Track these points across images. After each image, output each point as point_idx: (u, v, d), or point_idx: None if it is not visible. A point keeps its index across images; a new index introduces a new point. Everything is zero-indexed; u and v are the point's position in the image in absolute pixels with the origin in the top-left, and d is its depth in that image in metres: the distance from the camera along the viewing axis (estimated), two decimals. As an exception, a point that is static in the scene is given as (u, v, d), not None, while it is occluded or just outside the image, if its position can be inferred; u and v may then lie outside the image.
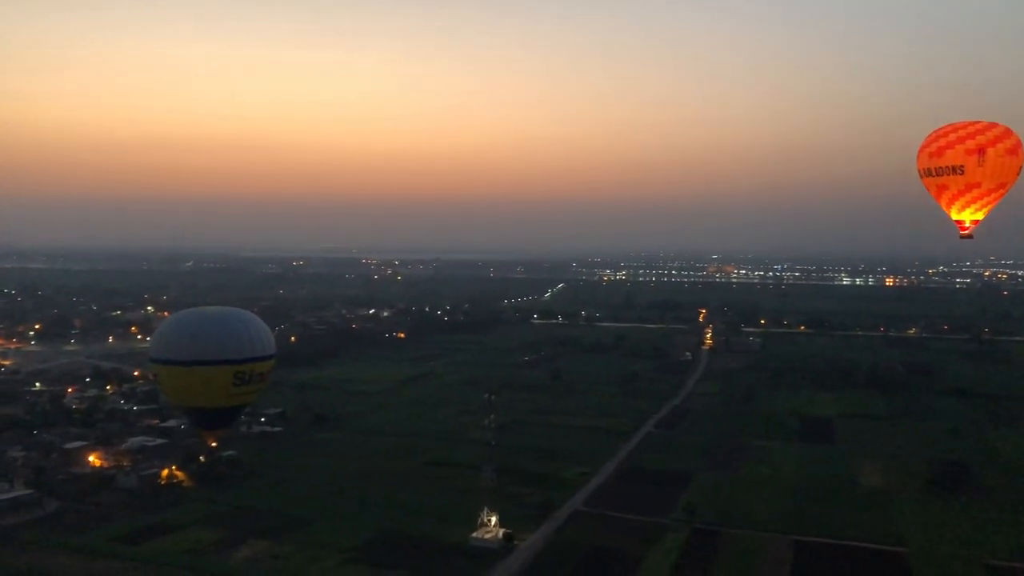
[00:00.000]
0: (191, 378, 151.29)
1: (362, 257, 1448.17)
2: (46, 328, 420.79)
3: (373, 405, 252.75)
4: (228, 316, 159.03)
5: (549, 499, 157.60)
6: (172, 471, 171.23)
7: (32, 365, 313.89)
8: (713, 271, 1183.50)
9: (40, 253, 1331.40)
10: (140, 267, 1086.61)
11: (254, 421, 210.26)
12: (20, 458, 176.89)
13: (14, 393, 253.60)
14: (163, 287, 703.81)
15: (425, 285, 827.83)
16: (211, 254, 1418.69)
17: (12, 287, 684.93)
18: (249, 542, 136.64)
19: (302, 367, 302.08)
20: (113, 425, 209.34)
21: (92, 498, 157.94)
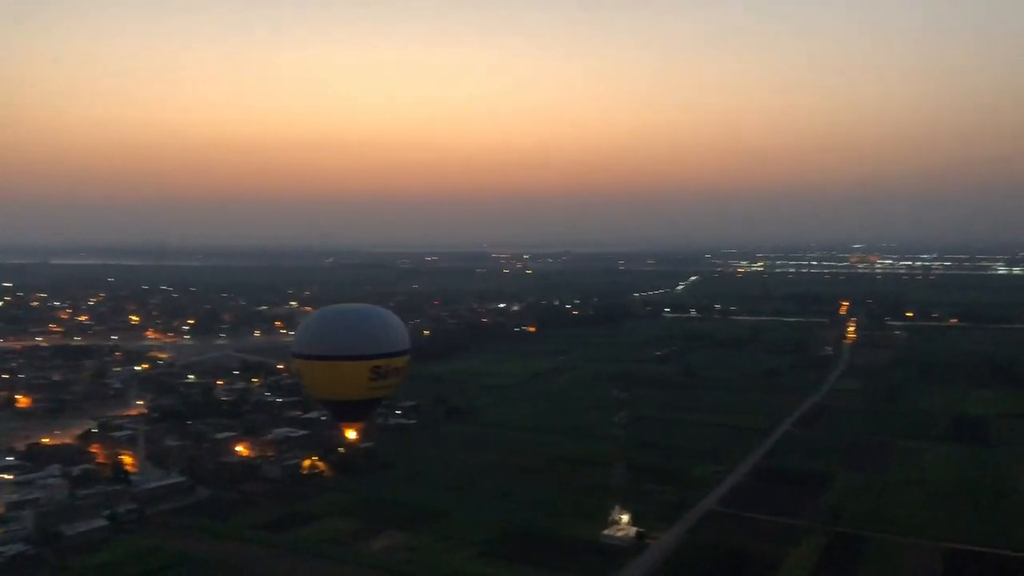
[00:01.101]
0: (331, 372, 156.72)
1: (492, 252, 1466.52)
2: (199, 323, 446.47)
3: (504, 399, 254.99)
4: (365, 313, 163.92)
5: (682, 498, 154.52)
6: (313, 461, 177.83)
7: (186, 358, 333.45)
8: (855, 261, 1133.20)
9: (194, 251, 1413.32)
10: (284, 264, 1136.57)
11: (390, 414, 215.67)
12: (175, 447, 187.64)
13: (170, 385, 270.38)
14: (306, 283, 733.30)
15: (555, 279, 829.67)
16: (350, 250, 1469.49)
17: (169, 284, 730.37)
18: (386, 532, 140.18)
19: (435, 361, 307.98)
20: (259, 416, 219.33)
21: (239, 486, 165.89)
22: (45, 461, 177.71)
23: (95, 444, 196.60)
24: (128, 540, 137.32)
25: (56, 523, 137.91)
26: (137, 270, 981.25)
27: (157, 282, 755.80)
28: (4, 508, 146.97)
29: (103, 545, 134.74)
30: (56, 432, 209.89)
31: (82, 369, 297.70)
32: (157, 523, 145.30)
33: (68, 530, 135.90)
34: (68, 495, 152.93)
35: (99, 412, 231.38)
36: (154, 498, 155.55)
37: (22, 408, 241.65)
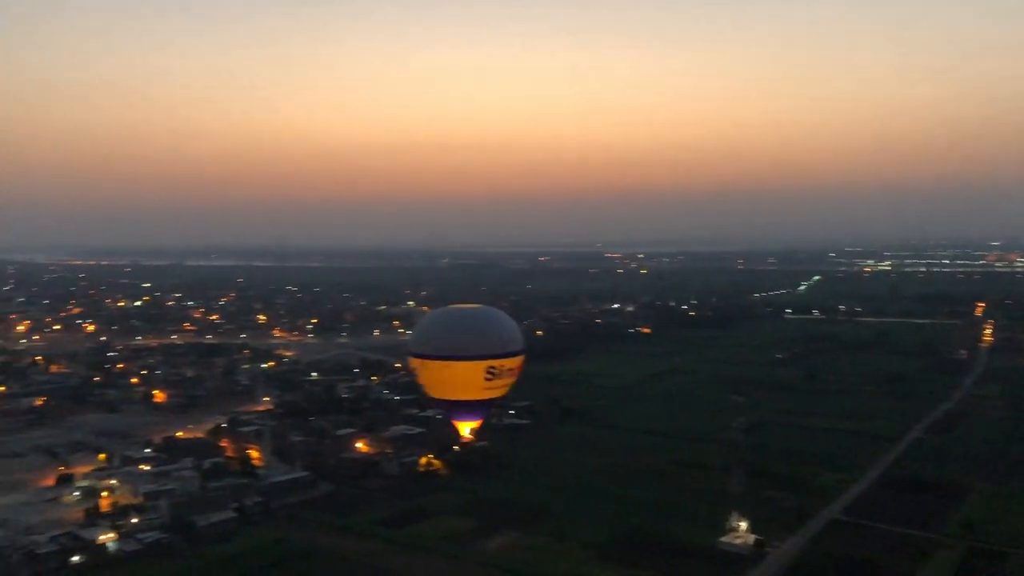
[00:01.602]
0: (445, 372, 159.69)
1: (606, 251, 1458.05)
2: (322, 322, 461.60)
3: (618, 400, 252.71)
4: (480, 314, 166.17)
5: (803, 506, 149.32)
6: (429, 459, 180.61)
7: (310, 356, 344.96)
8: (993, 260, 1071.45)
9: (318, 253, 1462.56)
10: (402, 264, 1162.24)
11: (504, 414, 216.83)
12: (299, 442, 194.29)
13: (295, 382, 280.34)
14: (422, 283, 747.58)
15: (670, 279, 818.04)
16: (465, 251, 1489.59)
17: (294, 285, 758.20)
18: (501, 532, 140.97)
19: (549, 361, 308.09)
20: (378, 413, 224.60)
21: (359, 482, 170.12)
22: (179, 454, 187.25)
23: (225, 438, 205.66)
24: (255, 531, 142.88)
25: (189, 513, 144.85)
26: (264, 271, 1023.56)
27: (283, 283, 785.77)
28: (142, 498, 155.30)
29: (232, 536, 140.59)
30: (189, 426, 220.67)
31: (213, 366, 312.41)
32: (282, 516, 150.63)
33: (200, 520, 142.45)
34: (200, 487, 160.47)
35: (228, 408, 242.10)
36: (279, 491, 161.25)
37: (159, 403, 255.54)
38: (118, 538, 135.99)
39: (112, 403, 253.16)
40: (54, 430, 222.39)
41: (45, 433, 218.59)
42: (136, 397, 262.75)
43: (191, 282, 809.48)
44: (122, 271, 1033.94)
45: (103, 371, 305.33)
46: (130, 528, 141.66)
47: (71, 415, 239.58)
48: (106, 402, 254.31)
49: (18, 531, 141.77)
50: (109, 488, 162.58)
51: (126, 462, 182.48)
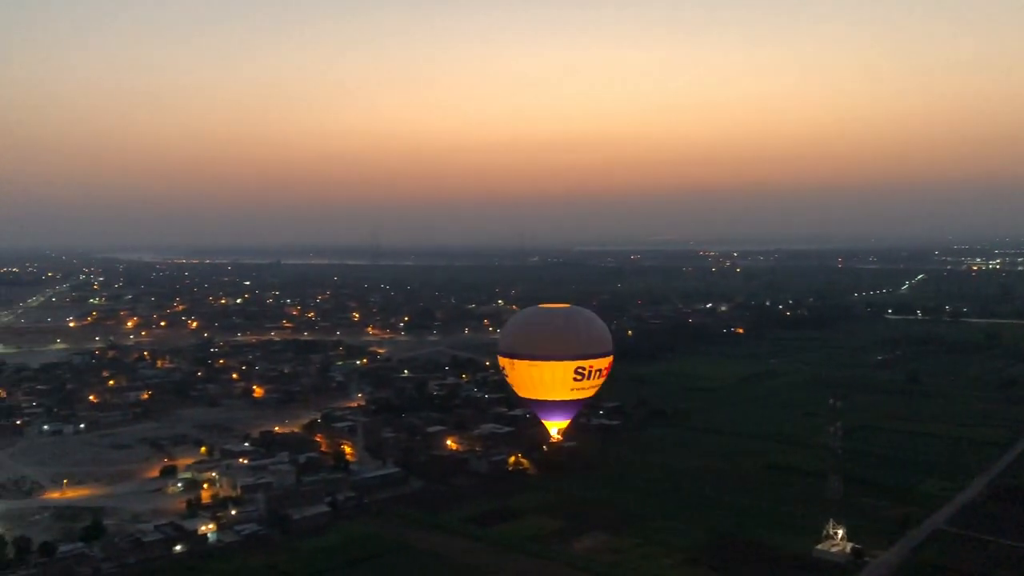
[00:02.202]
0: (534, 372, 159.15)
1: (699, 249, 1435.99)
2: (413, 320, 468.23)
3: (710, 402, 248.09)
4: (569, 314, 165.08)
5: (905, 514, 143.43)
6: (518, 458, 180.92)
7: (401, 353, 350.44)
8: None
9: (411, 252, 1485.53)
10: (492, 263, 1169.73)
11: (593, 414, 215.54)
12: (390, 439, 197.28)
13: (387, 379, 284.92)
14: (512, 282, 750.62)
15: (765, 278, 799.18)
16: (554, 249, 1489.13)
17: (388, 283, 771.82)
18: (590, 533, 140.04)
19: (639, 361, 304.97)
20: (467, 411, 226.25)
21: (449, 479, 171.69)
22: (276, 448, 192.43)
23: (319, 433, 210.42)
24: (348, 526, 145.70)
25: (284, 506, 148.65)
26: (359, 270, 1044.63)
27: (377, 281, 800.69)
28: (241, 490, 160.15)
29: (325, 529, 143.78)
30: (286, 421, 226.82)
31: (309, 363, 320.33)
32: (374, 511, 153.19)
33: (295, 514, 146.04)
34: (295, 481, 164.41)
35: (323, 403, 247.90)
36: (371, 487, 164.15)
37: (257, 398, 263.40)
38: (217, 529, 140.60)
39: (213, 397, 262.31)
40: (159, 423, 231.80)
41: (151, 426, 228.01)
42: (236, 392, 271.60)
43: (289, 281, 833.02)
44: (224, 270, 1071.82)
45: (205, 366, 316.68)
46: (229, 520, 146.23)
47: (175, 409, 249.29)
48: (208, 396, 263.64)
49: (126, 519, 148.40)
50: (210, 480, 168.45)
51: (226, 455, 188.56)
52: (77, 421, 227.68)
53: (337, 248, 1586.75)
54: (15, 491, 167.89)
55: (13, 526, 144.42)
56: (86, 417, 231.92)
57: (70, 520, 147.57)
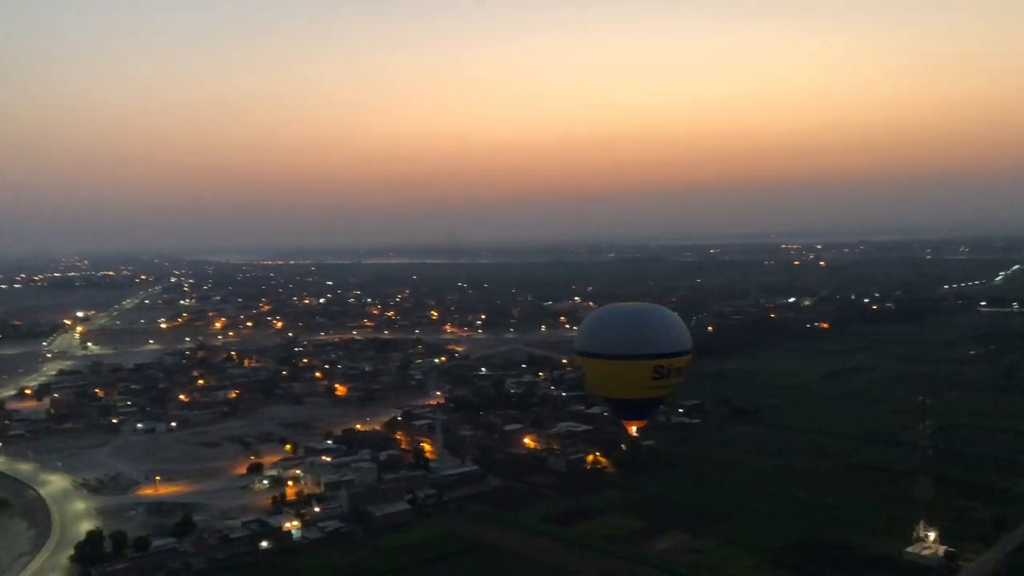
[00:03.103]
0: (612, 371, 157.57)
1: (781, 242, 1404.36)
2: (490, 318, 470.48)
3: (793, 400, 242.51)
4: (647, 312, 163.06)
5: (1001, 516, 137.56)
6: (596, 457, 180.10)
7: (479, 351, 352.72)
8: None
9: (487, 249, 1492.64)
10: (568, 259, 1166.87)
11: (673, 412, 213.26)
12: (468, 437, 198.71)
13: (465, 377, 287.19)
14: (588, 278, 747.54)
15: (850, 270, 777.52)
16: (631, 245, 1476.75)
17: (464, 281, 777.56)
18: (669, 533, 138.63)
19: (719, 358, 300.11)
20: (544, 410, 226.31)
21: (527, 478, 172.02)
22: (357, 445, 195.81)
23: (399, 431, 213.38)
24: (427, 524, 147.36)
25: (366, 504, 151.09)
26: (437, 268, 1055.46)
27: (454, 279, 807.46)
28: (324, 487, 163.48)
29: (406, 527, 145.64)
30: (367, 419, 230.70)
31: (389, 361, 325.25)
32: (453, 509, 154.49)
33: (376, 511, 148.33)
34: (376, 478, 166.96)
35: (403, 401, 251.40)
36: (450, 485, 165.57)
37: (339, 396, 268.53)
38: (302, 526, 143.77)
39: (297, 396, 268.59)
40: (246, 421, 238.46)
41: (238, 424, 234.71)
42: (319, 390, 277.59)
43: (369, 280, 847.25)
44: (307, 270, 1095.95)
45: (290, 365, 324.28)
46: (313, 516, 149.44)
47: (261, 407, 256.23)
48: (292, 395, 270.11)
49: (215, 516, 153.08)
50: (294, 478, 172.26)
51: (309, 452, 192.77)
52: (169, 419, 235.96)
53: (416, 247, 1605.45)
54: (112, 487, 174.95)
55: (110, 521, 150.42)
56: (177, 415, 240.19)
57: (162, 516, 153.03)
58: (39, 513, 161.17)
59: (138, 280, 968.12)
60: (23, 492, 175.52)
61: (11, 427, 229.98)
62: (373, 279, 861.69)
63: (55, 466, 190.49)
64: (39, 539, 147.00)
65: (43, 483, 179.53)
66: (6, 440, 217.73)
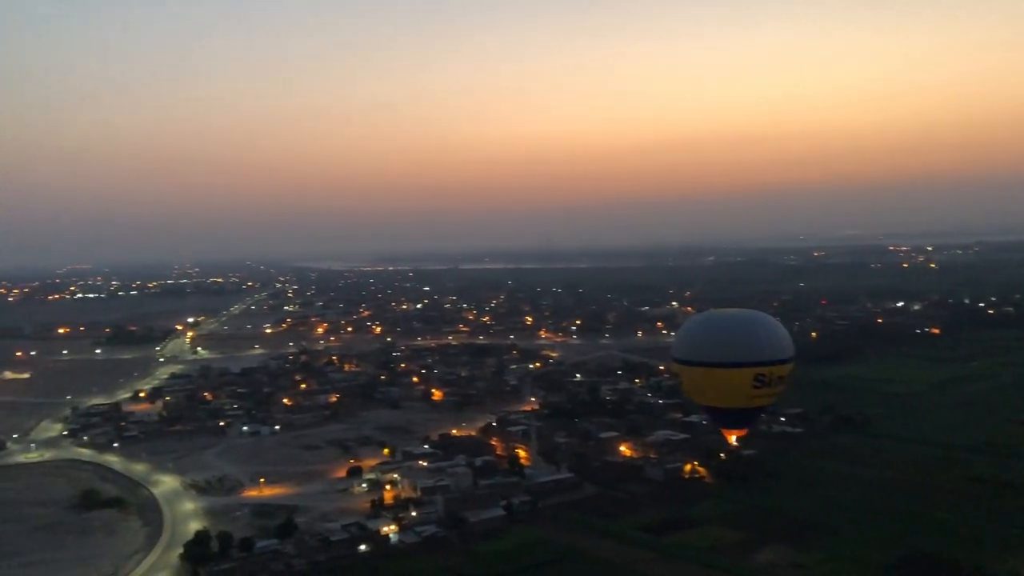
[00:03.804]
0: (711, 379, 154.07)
1: (890, 244, 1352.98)
2: (585, 323, 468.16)
3: (903, 408, 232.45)
4: (747, 319, 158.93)
5: None
6: (694, 466, 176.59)
7: (574, 357, 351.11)
8: None
9: (583, 254, 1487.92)
10: (666, 263, 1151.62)
11: (774, 421, 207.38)
12: (563, 443, 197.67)
13: (560, 383, 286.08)
14: (686, 283, 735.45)
15: (964, 273, 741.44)
16: (731, 248, 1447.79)
17: (560, 286, 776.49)
18: (770, 546, 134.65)
19: (823, 365, 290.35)
20: (640, 417, 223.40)
21: (622, 486, 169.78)
22: (453, 451, 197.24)
23: (494, 437, 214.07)
24: (522, 530, 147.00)
25: (461, 509, 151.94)
26: (532, 273, 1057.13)
27: (549, 284, 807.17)
28: (421, 492, 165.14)
29: (501, 533, 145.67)
30: (463, 424, 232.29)
31: (484, 366, 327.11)
32: (547, 516, 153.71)
33: (471, 517, 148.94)
34: (472, 484, 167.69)
35: (498, 407, 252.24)
36: (545, 491, 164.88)
37: (436, 401, 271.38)
38: (399, 530, 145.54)
39: (395, 400, 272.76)
40: (345, 424, 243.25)
41: (338, 427, 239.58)
42: (416, 395, 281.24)
43: (466, 285, 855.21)
44: (406, 276, 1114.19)
45: (388, 370, 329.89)
46: (409, 521, 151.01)
47: (360, 411, 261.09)
48: (390, 399, 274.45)
49: (316, 518, 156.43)
50: (392, 482, 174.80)
51: (407, 457, 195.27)
52: (273, 422, 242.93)
53: (512, 252, 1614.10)
54: (219, 488, 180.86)
55: (217, 521, 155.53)
56: (281, 419, 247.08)
57: (266, 517, 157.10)
58: (152, 512, 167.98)
59: (245, 287, 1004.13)
60: (138, 491, 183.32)
61: (127, 429, 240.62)
62: (469, 284, 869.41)
63: (166, 467, 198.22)
64: (152, 537, 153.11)
65: (155, 483, 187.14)
66: (122, 441, 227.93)
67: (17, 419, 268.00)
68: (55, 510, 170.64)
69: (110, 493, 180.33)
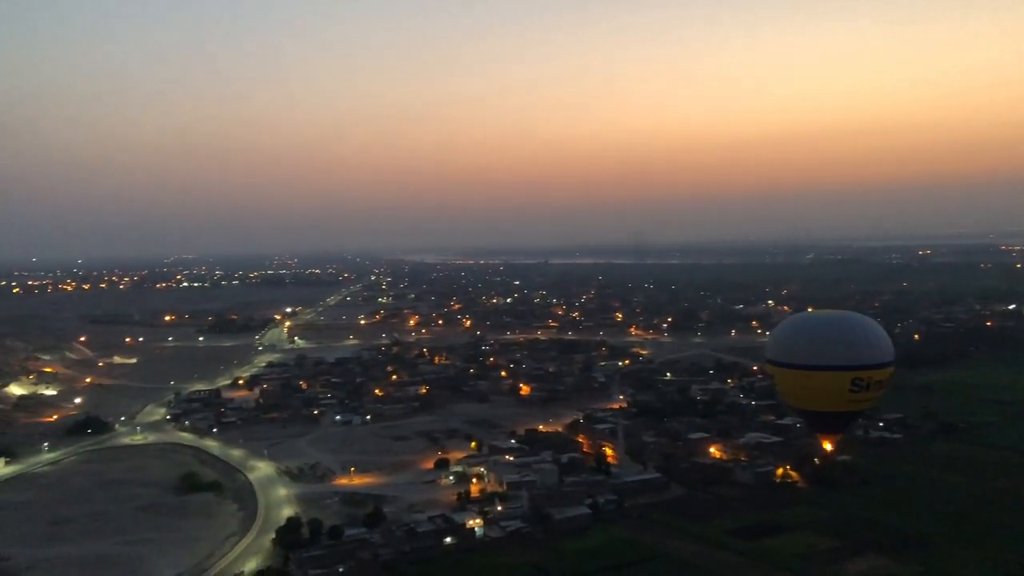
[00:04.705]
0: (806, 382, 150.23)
1: (1001, 243, 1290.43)
2: (676, 321, 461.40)
3: (1012, 416, 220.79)
4: (845, 321, 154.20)
5: None
6: (786, 470, 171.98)
7: (664, 356, 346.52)
8: None
9: (676, 249, 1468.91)
10: (763, 260, 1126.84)
11: (872, 426, 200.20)
12: (651, 443, 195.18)
13: (649, 381, 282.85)
14: (784, 281, 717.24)
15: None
16: (832, 245, 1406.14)
17: (651, 282, 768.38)
18: (865, 555, 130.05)
19: (926, 369, 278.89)
20: (732, 418, 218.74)
21: (711, 488, 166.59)
22: (539, 446, 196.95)
23: (581, 434, 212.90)
24: (607, 530, 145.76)
25: (546, 505, 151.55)
26: (624, 269, 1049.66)
27: (641, 280, 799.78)
28: (506, 486, 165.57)
29: (585, 532, 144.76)
30: (549, 420, 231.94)
31: (573, 362, 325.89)
32: (633, 516, 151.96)
33: (556, 514, 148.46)
34: (557, 480, 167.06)
35: (585, 403, 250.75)
36: (631, 491, 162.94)
37: (523, 396, 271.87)
38: (484, 524, 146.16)
39: (483, 394, 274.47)
40: (434, 417, 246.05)
41: (427, 419, 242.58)
42: (504, 389, 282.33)
43: (555, 280, 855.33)
44: (496, 270, 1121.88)
45: (477, 364, 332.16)
46: (495, 515, 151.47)
47: (449, 403, 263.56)
48: (478, 392, 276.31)
49: (403, 508, 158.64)
50: (478, 475, 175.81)
51: (493, 451, 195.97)
52: (364, 412, 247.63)
53: (602, 247, 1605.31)
54: (311, 476, 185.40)
55: (308, 508, 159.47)
56: (372, 409, 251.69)
57: (355, 506, 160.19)
58: (247, 496, 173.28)
59: (341, 278, 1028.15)
60: (234, 476, 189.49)
61: (225, 415, 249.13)
62: (559, 279, 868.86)
63: (261, 453, 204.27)
64: (246, 521, 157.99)
65: (251, 468, 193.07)
66: (220, 426, 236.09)
67: (125, 402, 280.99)
68: (157, 491, 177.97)
69: (208, 477, 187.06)
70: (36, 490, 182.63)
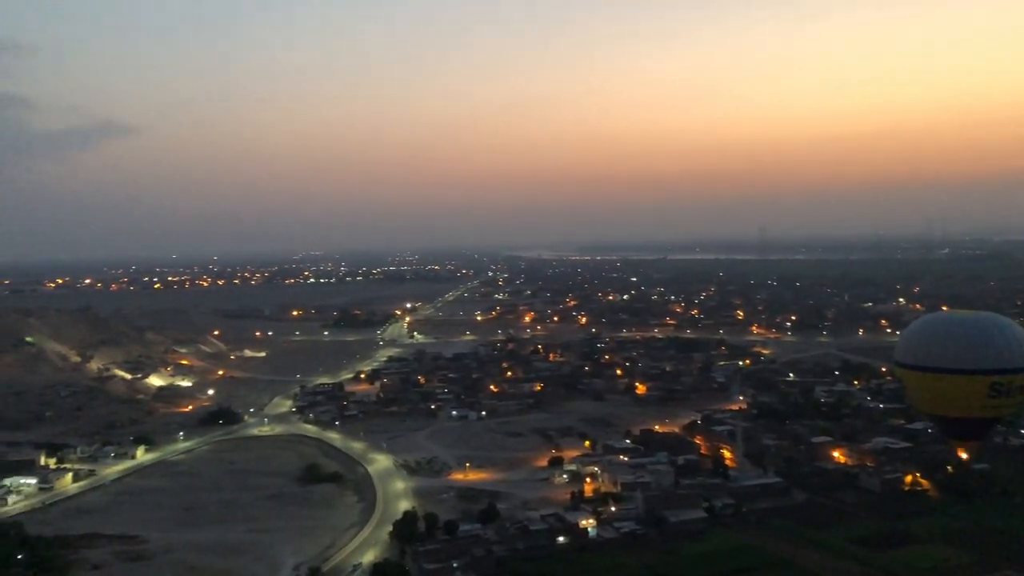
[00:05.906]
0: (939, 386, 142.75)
1: None
2: (801, 319, 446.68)
3: None
4: (982, 322, 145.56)
5: None
6: (916, 478, 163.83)
7: (787, 355, 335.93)
8: None
9: (802, 244, 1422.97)
10: (894, 256, 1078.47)
11: (1012, 432, 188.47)
12: (772, 446, 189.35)
13: (770, 382, 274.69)
14: (916, 278, 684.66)
15: None
16: (970, 239, 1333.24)
17: (774, 279, 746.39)
18: (1004, 571, 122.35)
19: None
20: (858, 422, 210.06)
21: (835, 495, 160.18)
22: (655, 447, 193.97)
23: (698, 435, 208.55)
24: (724, 534, 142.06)
25: (661, 508, 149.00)
26: (745, 264, 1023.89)
27: (763, 277, 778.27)
28: (620, 487, 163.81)
29: (702, 536, 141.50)
30: (665, 420, 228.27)
31: (691, 361, 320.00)
32: (752, 521, 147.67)
33: (672, 516, 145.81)
34: (673, 482, 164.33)
35: (703, 404, 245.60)
36: (750, 495, 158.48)
37: (639, 395, 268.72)
38: (597, 524, 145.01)
39: (598, 392, 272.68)
40: (548, 414, 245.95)
41: (541, 416, 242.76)
42: (619, 388, 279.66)
43: (674, 276, 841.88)
44: (613, 266, 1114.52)
45: (592, 361, 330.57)
46: (608, 516, 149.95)
47: (563, 401, 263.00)
48: (593, 391, 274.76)
49: (516, 506, 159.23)
50: (592, 474, 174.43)
51: (607, 450, 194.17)
52: (480, 408, 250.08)
53: (723, 242, 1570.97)
54: (428, 470, 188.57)
55: (424, 502, 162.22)
56: (487, 404, 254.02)
57: (470, 501, 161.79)
58: (366, 489, 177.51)
59: (460, 274, 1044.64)
60: (355, 468, 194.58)
61: (347, 408, 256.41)
62: (677, 275, 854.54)
63: (380, 446, 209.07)
64: (365, 513, 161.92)
65: (371, 461, 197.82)
66: (343, 419, 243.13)
67: (255, 394, 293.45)
68: (282, 481, 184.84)
69: (330, 468, 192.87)
70: (172, 477, 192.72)
